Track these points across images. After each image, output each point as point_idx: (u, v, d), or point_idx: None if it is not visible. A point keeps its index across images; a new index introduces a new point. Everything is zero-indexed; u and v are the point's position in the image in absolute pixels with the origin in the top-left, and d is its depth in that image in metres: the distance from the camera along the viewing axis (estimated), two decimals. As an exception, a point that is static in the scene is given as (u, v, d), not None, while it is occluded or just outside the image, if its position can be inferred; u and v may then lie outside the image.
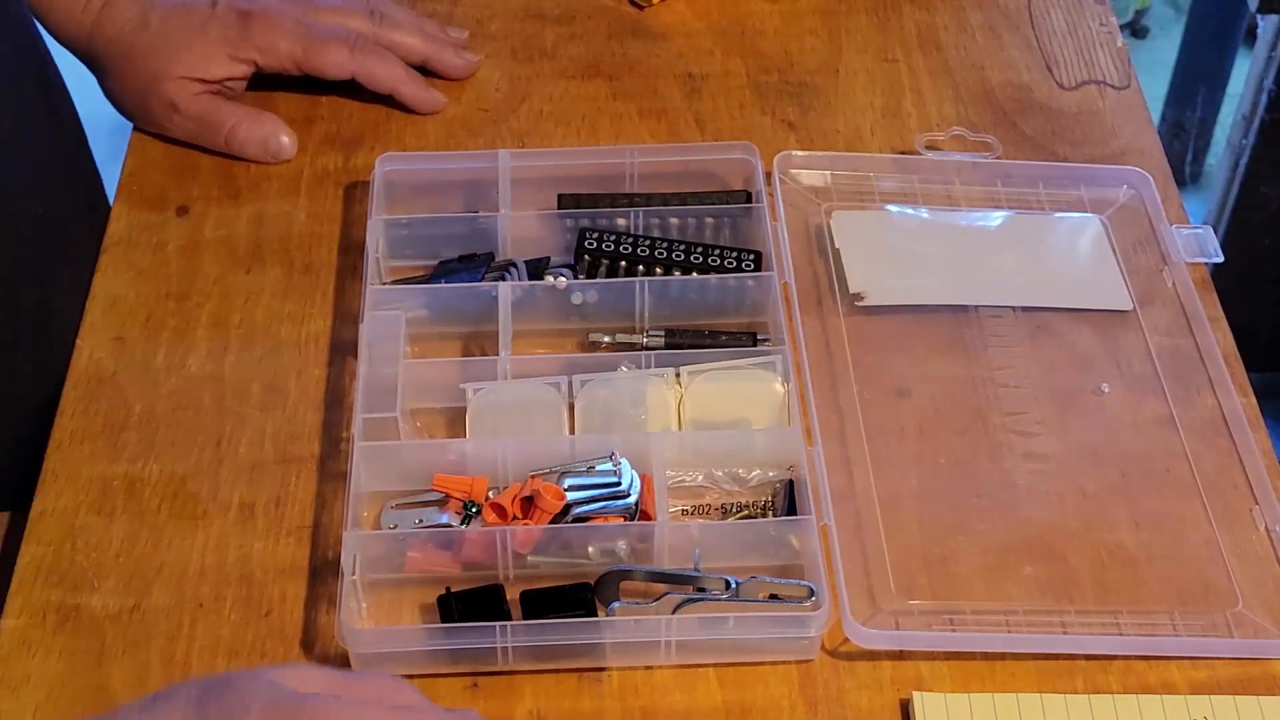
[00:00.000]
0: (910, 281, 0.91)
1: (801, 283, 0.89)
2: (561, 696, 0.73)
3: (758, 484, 0.79)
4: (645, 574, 0.75)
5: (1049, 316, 0.89)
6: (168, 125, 0.97)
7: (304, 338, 0.87)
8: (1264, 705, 0.72)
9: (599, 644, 0.72)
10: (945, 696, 0.72)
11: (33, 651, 0.73)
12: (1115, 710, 0.72)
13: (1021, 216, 0.94)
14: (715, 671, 0.74)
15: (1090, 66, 1.06)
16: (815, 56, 1.06)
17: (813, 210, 0.94)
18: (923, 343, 0.88)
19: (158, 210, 0.95)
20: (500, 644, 0.71)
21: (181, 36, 0.95)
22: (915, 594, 0.76)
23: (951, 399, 0.85)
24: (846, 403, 0.84)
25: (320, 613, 0.75)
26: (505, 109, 1.01)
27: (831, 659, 0.74)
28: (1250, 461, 0.82)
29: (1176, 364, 0.87)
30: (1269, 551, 0.78)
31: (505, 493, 0.77)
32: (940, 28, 1.08)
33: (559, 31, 1.07)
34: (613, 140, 0.99)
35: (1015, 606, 0.76)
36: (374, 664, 0.72)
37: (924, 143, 0.97)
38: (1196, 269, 0.91)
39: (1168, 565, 0.78)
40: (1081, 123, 1.01)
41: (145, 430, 0.83)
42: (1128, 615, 0.76)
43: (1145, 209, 0.94)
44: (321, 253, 0.92)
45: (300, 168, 0.97)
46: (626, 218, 0.90)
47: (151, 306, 0.89)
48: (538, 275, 0.88)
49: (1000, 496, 0.80)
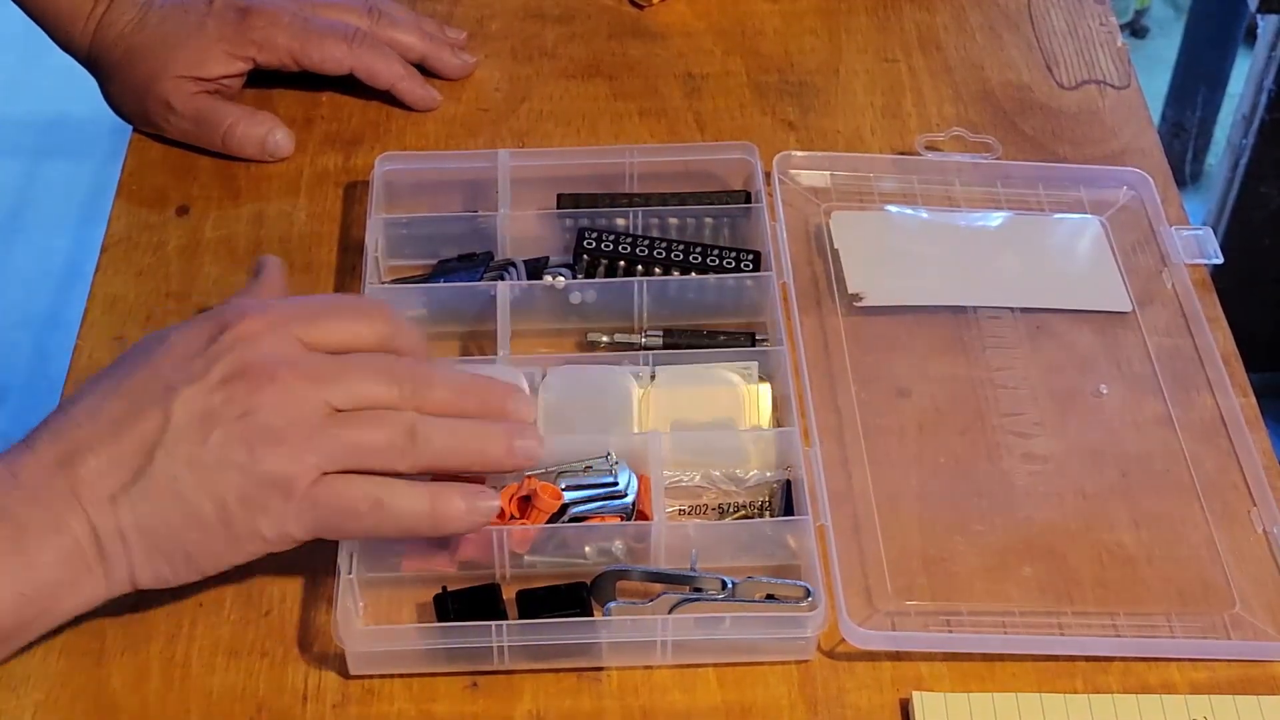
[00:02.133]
0: (909, 282, 0.91)
1: (800, 283, 0.89)
2: (561, 696, 0.73)
3: (755, 484, 0.79)
4: (642, 574, 0.75)
5: (1048, 317, 0.89)
6: (165, 126, 0.97)
7: (303, 337, 0.87)
8: (1264, 705, 0.72)
9: (595, 643, 0.72)
10: (945, 696, 0.72)
11: (32, 651, 0.73)
12: (1115, 710, 0.72)
13: (1021, 217, 0.94)
14: (715, 671, 0.74)
15: (1090, 66, 1.06)
16: (815, 56, 1.06)
17: (812, 210, 0.94)
18: (922, 343, 0.88)
19: (158, 210, 0.95)
20: (496, 643, 0.71)
21: (179, 35, 0.95)
22: (913, 595, 0.76)
23: (950, 399, 0.85)
24: (845, 403, 0.84)
25: (319, 613, 0.75)
26: (505, 109, 1.01)
27: (831, 659, 0.74)
28: (1249, 462, 0.82)
29: (1176, 365, 0.87)
30: (1267, 553, 0.78)
31: (502, 492, 0.77)
32: (940, 28, 1.08)
33: (559, 31, 1.07)
34: (613, 140, 0.99)
35: (1013, 607, 0.76)
36: (371, 663, 0.72)
37: (924, 143, 0.97)
38: (1196, 270, 0.91)
39: (1167, 566, 0.78)
40: (1081, 123, 1.01)
41: (144, 430, 0.83)
42: (1126, 616, 0.76)
43: (1145, 210, 0.94)
44: (321, 252, 0.92)
45: (300, 167, 0.97)
46: (626, 217, 0.90)
47: (151, 306, 0.89)
48: (536, 275, 0.88)
49: (999, 497, 0.80)
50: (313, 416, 0.68)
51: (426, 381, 0.71)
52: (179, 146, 0.98)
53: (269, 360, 0.69)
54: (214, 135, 0.96)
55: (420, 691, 0.73)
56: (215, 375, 0.68)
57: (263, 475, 0.67)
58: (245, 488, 0.67)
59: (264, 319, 0.70)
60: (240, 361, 0.68)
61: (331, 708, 0.72)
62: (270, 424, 0.67)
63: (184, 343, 0.70)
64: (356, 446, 0.68)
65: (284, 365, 0.69)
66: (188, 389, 0.68)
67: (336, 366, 0.70)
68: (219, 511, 0.67)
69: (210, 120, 0.96)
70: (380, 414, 0.69)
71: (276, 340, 0.70)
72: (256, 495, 0.67)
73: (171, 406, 0.67)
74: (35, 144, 2.52)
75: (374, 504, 0.69)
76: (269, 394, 0.68)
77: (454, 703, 0.72)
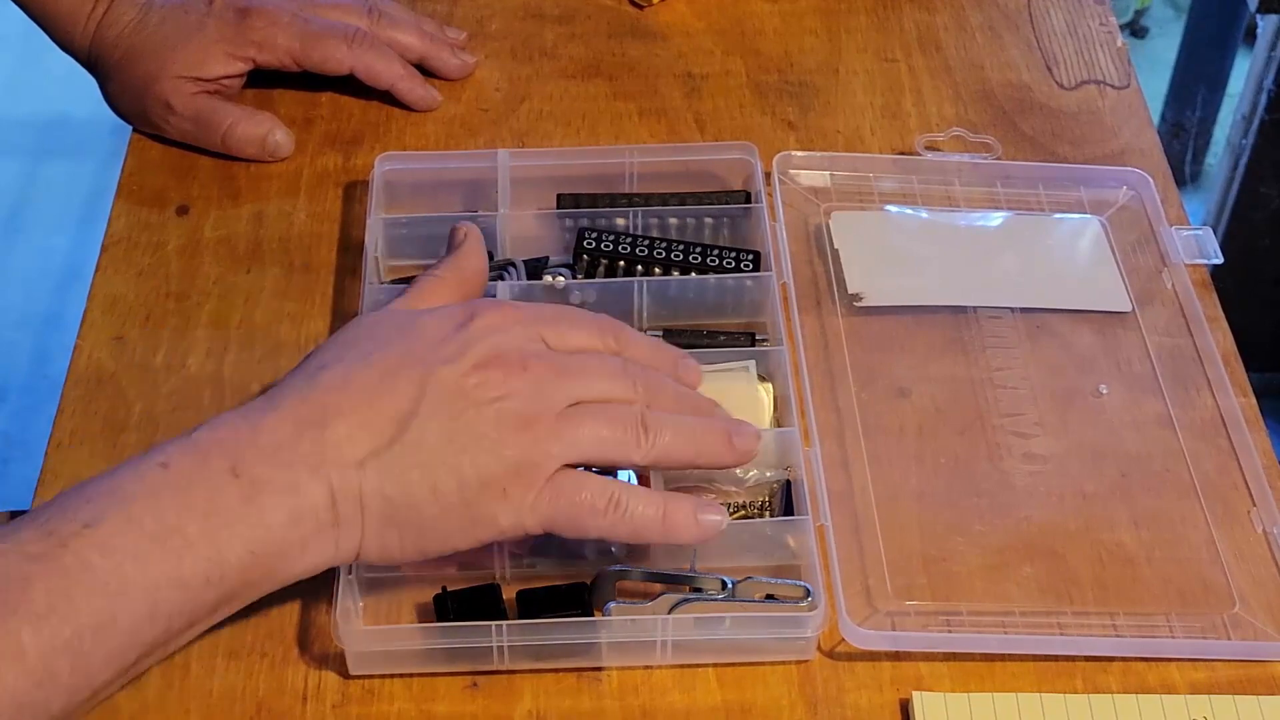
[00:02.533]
0: (909, 282, 0.91)
1: (800, 283, 0.89)
2: (561, 696, 0.73)
3: (755, 484, 0.79)
4: (641, 574, 0.75)
5: (1048, 317, 0.89)
6: (164, 126, 0.97)
7: (304, 337, 0.88)
8: (1264, 705, 0.72)
9: (595, 644, 0.72)
10: (945, 696, 0.72)
11: (31, 651, 0.73)
12: (1115, 710, 0.72)
13: (1021, 217, 0.94)
14: (715, 671, 0.74)
15: (1090, 66, 1.06)
16: (815, 56, 1.06)
17: (812, 210, 0.94)
18: (921, 343, 0.88)
19: (157, 210, 0.95)
20: (496, 643, 0.71)
21: (179, 35, 0.95)
22: (913, 594, 0.76)
23: (950, 400, 0.85)
24: (845, 403, 0.84)
25: (319, 613, 0.75)
26: (505, 109, 1.01)
27: (831, 659, 0.74)
28: (1248, 463, 0.82)
29: (1176, 365, 0.87)
30: (1267, 553, 0.78)
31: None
32: (940, 28, 1.08)
33: (559, 31, 1.07)
34: (612, 140, 0.99)
35: (1013, 607, 0.76)
36: (371, 663, 0.72)
37: (924, 143, 0.97)
38: (1196, 270, 0.91)
39: (1167, 566, 0.78)
40: (1081, 123, 1.01)
41: (145, 430, 0.83)
42: (1126, 616, 0.76)
43: (1145, 210, 0.94)
44: (321, 252, 0.92)
45: (300, 168, 0.97)
46: (625, 217, 0.90)
47: (151, 306, 0.89)
48: (536, 275, 0.88)
49: (999, 497, 0.80)
50: (558, 408, 0.69)
51: (658, 386, 0.73)
52: (179, 146, 0.98)
53: (521, 351, 0.70)
54: (214, 135, 0.96)
55: (420, 691, 0.73)
56: (470, 359, 0.69)
57: (509, 460, 0.67)
58: (491, 470, 0.67)
59: (513, 313, 0.72)
60: (494, 349, 0.69)
61: (331, 708, 0.72)
62: (520, 411, 0.68)
63: (435, 326, 0.70)
64: (596, 438, 0.69)
65: (534, 357, 0.70)
66: (444, 368, 0.68)
67: (580, 363, 0.71)
68: (461, 491, 0.67)
69: (210, 120, 0.96)
70: (615, 407, 0.70)
71: (525, 334, 0.71)
72: (501, 479, 0.68)
73: (428, 380, 0.68)
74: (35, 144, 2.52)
75: (613, 503, 0.69)
76: (521, 382, 0.69)
77: (454, 703, 0.72)
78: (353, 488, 0.66)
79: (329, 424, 0.67)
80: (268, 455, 0.66)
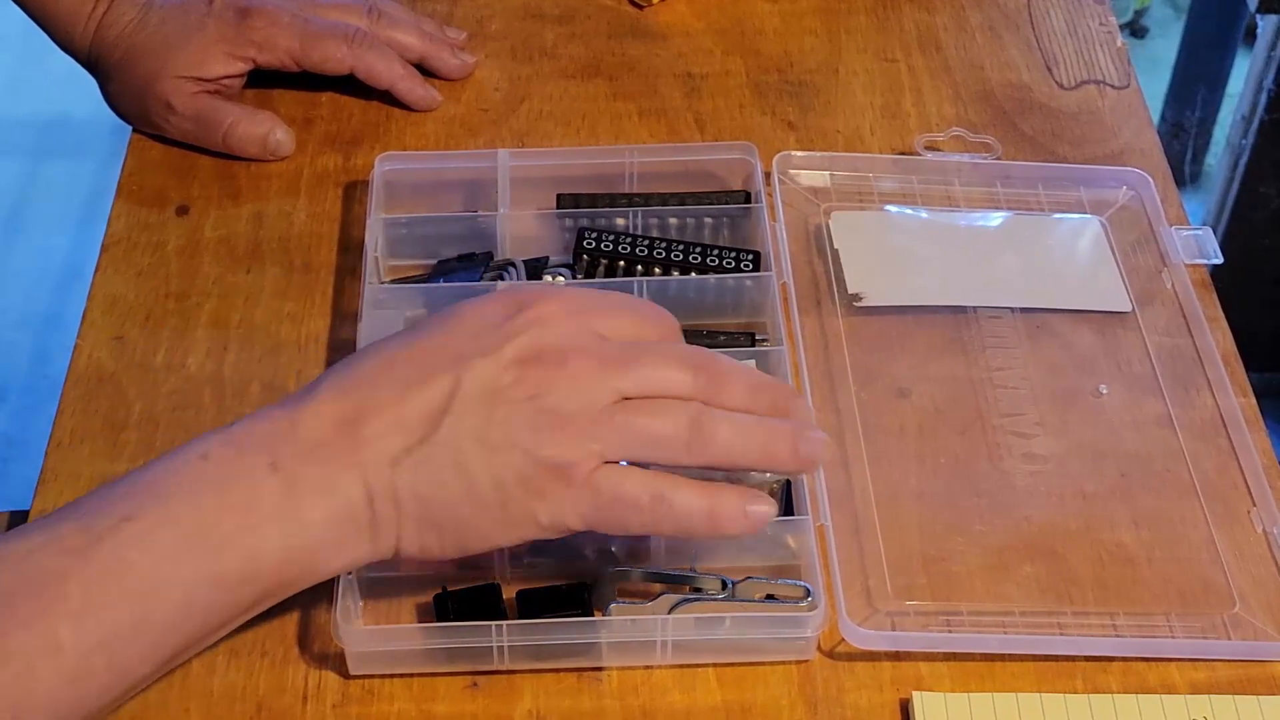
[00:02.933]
0: (909, 282, 0.91)
1: (800, 283, 0.89)
2: (561, 696, 0.73)
3: (755, 484, 0.79)
4: (642, 574, 0.75)
5: (1048, 317, 0.89)
6: (164, 126, 0.97)
7: (303, 337, 0.88)
8: (1264, 705, 0.72)
9: (595, 643, 0.72)
10: (945, 696, 0.72)
11: (31, 651, 0.73)
12: (1115, 710, 0.72)
13: (1021, 217, 0.94)
14: (715, 671, 0.74)
15: (1090, 66, 1.06)
16: (815, 56, 1.06)
17: (812, 210, 0.94)
18: (921, 343, 0.88)
19: (157, 210, 0.95)
20: (496, 643, 0.71)
21: (179, 35, 0.95)
22: (913, 594, 0.76)
23: (950, 400, 0.85)
24: (845, 403, 0.84)
25: (319, 612, 0.75)
26: (505, 109, 1.01)
27: (831, 659, 0.74)
28: (1248, 463, 0.82)
29: (1175, 365, 0.87)
30: (1267, 553, 0.78)
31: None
32: (940, 28, 1.08)
33: (559, 31, 1.07)
34: (612, 140, 0.99)
35: (1013, 607, 0.76)
36: (371, 663, 0.72)
37: (924, 143, 0.97)
38: (1196, 270, 0.91)
39: (1167, 566, 0.78)
40: (1081, 123, 1.01)
41: (145, 430, 0.83)
42: (1126, 616, 0.76)
43: (1145, 210, 0.94)
44: (321, 252, 0.92)
45: (300, 167, 0.97)
46: (625, 217, 0.90)
47: (151, 306, 0.89)
48: (536, 275, 0.88)
49: (999, 497, 0.80)
50: (601, 404, 0.66)
51: (724, 374, 0.69)
52: (179, 146, 0.98)
53: (563, 346, 0.67)
54: (214, 135, 0.96)
55: (420, 691, 0.73)
56: (509, 353, 0.66)
57: (544, 460, 0.65)
58: (526, 470, 0.65)
59: (562, 303, 0.68)
60: (535, 343, 0.67)
61: (331, 708, 0.72)
62: (557, 409, 0.66)
63: (478, 316, 0.68)
64: (641, 436, 0.66)
65: (577, 352, 0.67)
66: (480, 361, 0.66)
67: (633, 353, 0.68)
68: (497, 491, 0.66)
69: (210, 120, 0.96)
70: (667, 403, 0.67)
71: (572, 326, 0.68)
72: (536, 479, 0.65)
73: (462, 377, 0.66)
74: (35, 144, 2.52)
75: (656, 498, 0.66)
76: (559, 379, 0.66)
77: (454, 703, 0.72)
78: (386, 488, 0.65)
79: (364, 420, 0.66)
80: (305, 452, 0.65)
